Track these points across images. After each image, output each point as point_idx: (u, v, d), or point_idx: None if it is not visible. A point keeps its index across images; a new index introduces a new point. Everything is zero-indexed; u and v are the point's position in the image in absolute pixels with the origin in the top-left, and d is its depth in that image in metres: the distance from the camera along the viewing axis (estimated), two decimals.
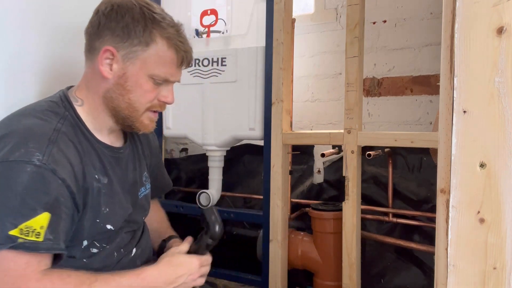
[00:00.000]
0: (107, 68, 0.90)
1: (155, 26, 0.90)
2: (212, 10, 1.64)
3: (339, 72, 2.15)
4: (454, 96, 0.69)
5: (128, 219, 0.99)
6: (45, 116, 0.87)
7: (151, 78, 0.91)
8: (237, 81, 1.59)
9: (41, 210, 0.77)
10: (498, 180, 0.67)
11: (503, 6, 0.65)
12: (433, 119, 1.90)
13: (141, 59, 0.90)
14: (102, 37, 0.90)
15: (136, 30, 0.88)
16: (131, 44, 0.89)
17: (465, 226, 0.69)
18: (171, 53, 0.92)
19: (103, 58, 0.90)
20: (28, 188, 0.77)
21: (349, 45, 1.34)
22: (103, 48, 0.89)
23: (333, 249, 1.52)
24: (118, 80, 0.91)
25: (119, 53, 0.89)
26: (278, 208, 1.48)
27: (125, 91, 0.91)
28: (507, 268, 0.67)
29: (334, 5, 2.18)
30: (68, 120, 0.89)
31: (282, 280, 1.50)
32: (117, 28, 0.89)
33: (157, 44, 0.90)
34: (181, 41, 0.92)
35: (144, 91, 0.92)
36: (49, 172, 0.79)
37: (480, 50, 0.67)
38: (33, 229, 0.76)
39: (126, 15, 0.89)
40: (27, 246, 0.76)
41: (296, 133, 1.49)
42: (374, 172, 1.84)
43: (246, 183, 2.14)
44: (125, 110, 0.93)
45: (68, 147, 0.85)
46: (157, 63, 0.91)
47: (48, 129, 0.84)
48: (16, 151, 0.78)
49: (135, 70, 0.90)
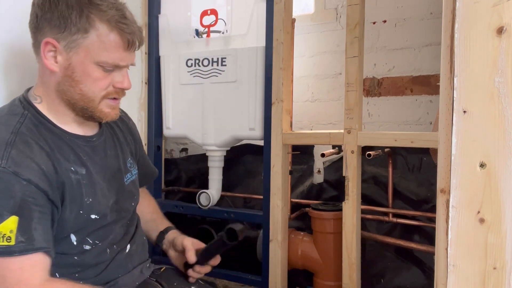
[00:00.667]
0: (51, 61, 0.87)
1: (92, 10, 0.84)
2: (212, 10, 1.64)
3: (339, 72, 2.15)
4: (454, 96, 0.69)
5: (116, 207, 0.98)
6: (3, 120, 0.85)
7: (99, 66, 0.87)
8: (237, 81, 1.59)
9: (8, 215, 0.77)
10: (498, 180, 0.67)
11: (503, 6, 0.65)
12: (433, 119, 1.90)
13: (84, 47, 0.85)
14: (41, 30, 0.87)
15: (71, 18, 0.84)
16: (69, 33, 0.84)
17: (465, 226, 0.69)
18: (115, 36, 0.86)
19: (45, 51, 0.86)
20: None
21: (349, 45, 1.34)
22: (43, 41, 0.86)
23: (333, 249, 1.52)
24: (65, 71, 0.87)
25: (60, 44, 0.85)
26: (278, 208, 1.48)
27: (75, 82, 0.88)
28: (507, 268, 0.67)
29: (334, 5, 2.18)
30: (28, 119, 0.87)
31: (282, 280, 1.50)
32: (53, 18, 0.85)
33: (97, 30, 0.85)
34: (125, 22, 0.87)
35: (94, 79, 0.88)
36: (11, 175, 0.78)
37: (480, 50, 0.67)
38: (2, 234, 0.76)
39: (59, 3, 0.84)
40: (1, 251, 0.76)
41: (296, 133, 1.49)
42: (374, 172, 1.84)
43: (246, 183, 2.14)
44: (80, 102, 0.90)
45: (29, 147, 0.83)
46: (101, 49, 0.86)
47: (5, 133, 0.83)
48: None
49: (80, 59, 0.86)
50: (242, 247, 1.86)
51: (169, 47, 1.72)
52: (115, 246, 0.99)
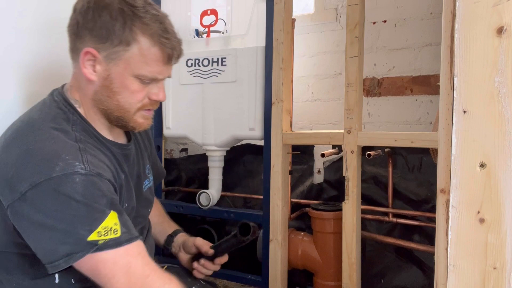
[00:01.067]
0: (90, 70, 0.86)
1: (135, 23, 0.83)
2: (212, 10, 1.64)
3: (339, 72, 2.15)
4: (454, 96, 0.69)
5: (134, 214, 0.98)
6: (58, 125, 0.84)
7: (137, 78, 0.86)
8: (237, 81, 1.59)
9: (109, 210, 0.78)
10: (498, 180, 0.67)
11: (503, 6, 0.65)
12: (433, 119, 1.90)
13: (124, 59, 0.84)
14: (81, 38, 0.85)
15: (115, 29, 0.82)
16: (111, 44, 0.83)
17: (465, 226, 0.69)
18: (156, 51, 0.85)
19: (84, 60, 0.85)
20: (86, 196, 0.76)
21: (349, 45, 1.34)
22: (83, 50, 0.84)
23: (333, 249, 1.52)
24: (103, 82, 0.86)
25: (101, 54, 0.84)
26: (278, 208, 1.48)
27: (112, 93, 0.87)
28: (507, 268, 0.67)
29: (334, 5, 2.18)
30: (78, 125, 0.87)
31: (282, 280, 1.50)
32: (95, 28, 0.83)
33: (139, 43, 0.84)
34: (167, 37, 0.85)
35: (131, 91, 0.87)
36: (96, 177, 0.79)
37: (480, 50, 0.67)
38: (110, 228, 0.77)
39: (103, 13, 0.82)
40: (110, 244, 0.77)
41: (296, 133, 1.49)
42: (374, 172, 1.84)
43: (246, 183, 2.14)
44: (116, 112, 0.89)
45: (95, 151, 0.85)
46: (142, 62, 0.85)
47: (71, 139, 0.82)
48: (55, 167, 0.76)
49: (119, 71, 0.85)
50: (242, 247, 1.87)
51: None
52: None
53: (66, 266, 0.76)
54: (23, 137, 0.82)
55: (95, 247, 0.76)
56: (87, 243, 0.75)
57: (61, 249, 0.76)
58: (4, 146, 0.83)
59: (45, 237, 0.76)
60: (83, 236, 0.75)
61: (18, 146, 0.80)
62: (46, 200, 0.75)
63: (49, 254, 0.76)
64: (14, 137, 0.83)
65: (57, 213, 0.75)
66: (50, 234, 0.76)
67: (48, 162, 0.76)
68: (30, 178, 0.76)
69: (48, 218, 0.75)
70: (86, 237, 0.75)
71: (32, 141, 0.80)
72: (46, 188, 0.75)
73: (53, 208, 0.75)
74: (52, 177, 0.75)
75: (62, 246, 0.76)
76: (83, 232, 0.75)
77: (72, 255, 0.76)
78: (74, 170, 0.76)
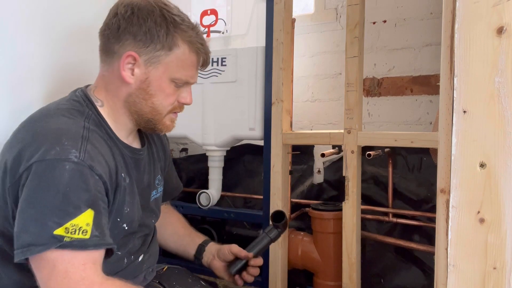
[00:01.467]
0: (128, 73, 0.89)
1: (177, 30, 0.89)
2: (212, 10, 1.64)
3: (339, 72, 2.15)
4: (454, 96, 0.69)
5: (140, 222, 0.99)
6: (71, 115, 0.86)
7: (172, 82, 0.91)
8: (237, 81, 1.59)
9: (85, 208, 0.76)
10: (498, 180, 0.67)
11: (503, 6, 0.65)
12: (433, 119, 1.90)
13: (164, 63, 0.89)
14: (122, 41, 0.88)
15: (159, 35, 0.87)
16: (154, 48, 0.88)
17: (465, 226, 0.69)
18: (193, 56, 0.92)
19: (124, 62, 0.88)
20: (69, 186, 0.76)
21: (349, 45, 1.34)
22: (125, 53, 0.88)
23: (333, 249, 1.52)
24: (140, 84, 0.90)
25: (141, 58, 0.88)
26: (278, 208, 1.48)
27: (148, 96, 0.91)
28: (507, 268, 0.67)
29: (334, 5, 2.18)
30: (92, 119, 0.89)
31: (282, 280, 1.50)
32: (139, 32, 0.87)
33: (179, 48, 0.89)
34: (202, 43, 0.93)
35: (166, 94, 0.92)
36: (87, 169, 0.78)
37: (480, 50, 0.67)
38: (79, 227, 0.75)
39: (148, 19, 0.87)
40: (75, 244, 0.75)
41: (296, 133, 1.49)
42: (374, 172, 1.84)
43: (246, 183, 2.14)
44: (148, 114, 0.93)
45: (100, 143, 0.85)
46: (179, 66, 0.91)
47: (78, 126, 0.84)
48: (51, 150, 0.77)
49: (158, 74, 0.90)
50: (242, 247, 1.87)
51: None
52: (132, 257, 0.99)
53: (23, 257, 0.74)
54: (32, 123, 0.85)
55: (59, 243, 0.73)
56: (52, 236, 0.73)
57: (23, 238, 0.74)
58: (16, 131, 0.86)
59: (19, 219, 0.75)
60: (49, 228, 0.73)
61: (27, 130, 0.83)
62: (33, 183, 0.76)
63: (17, 240, 0.75)
64: (26, 123, 0.86)
65: (34, 198, 0.75)
66: (21, 217, 0.75)
67: (48, 145, 0.77)
68: (27, 160, 0.77)
69: (25, 202, 0.75)
70: (52, 230, 0.73)
71: (39, 126, 0.83)
72: (36, 170, 0.76)
73: (34, 192, 0.75)
74: (45, 159, 0.76)
75: (24, 234, 0.74)
76: (51, 224, 0.73)
77: (31, 247, 0.73)
78: (67, 157, 0.77)
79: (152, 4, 0.89)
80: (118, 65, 0.89)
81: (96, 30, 0.95)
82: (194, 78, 0.96)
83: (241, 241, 1.88)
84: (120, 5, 0.90)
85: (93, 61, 0.98)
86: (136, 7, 0.88)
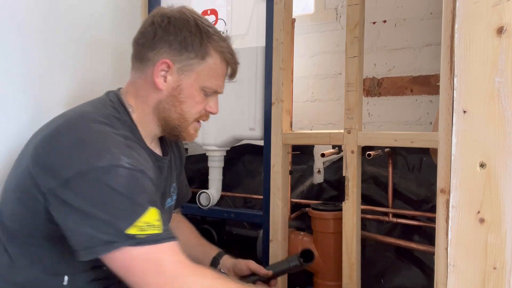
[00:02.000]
0: (161, 80, 0.92)
1: (210, 40, 0.93)
2: (212, 10, 1.64)
3: (339, 72, 2.15)
4: (454, 96, 0.69)
5: None
6: (111, 122, 0.88)
7: (202, 90, 0.95)
8: (237, 81, 1.58)
9: (149, 206, 0.80)
10: (498, 180, 0.67)
11: (503, 6, 0.65)
12: (433, 119, 1.90)
13: (196, 71, 0.93)
14: (157, 49, 0.91)
15: (193, 44, 0.91)
16: (187, 57, 0.91)
17: (465, 226, 0.69)
18: (223, 66, 0.96)
19: (158, 70, 0.91)
20: (129, 189, 0.79)
21: (349, 45, 1.34)
22: (160, 60, 0.91)
23: (333, 249, 1.52)
24: (172, 91, 0.93)
25: (175, 66, 0.91)
26: (278, 208, 1.48)
27: (178, 102, 0.94)
28: (507, 268, 0.67)
29: (334, 5, 2.19)
30: (128, 126, 0.92)
31: (282, 280, 1.50)
32: (174, 41, 0.91)
33: (212, 58, 0.93)
34: (232, 54, 0.97)
35: (195, 102, 0.95)
36: (140, 173, 0.82)
37: (480, 50, 0.67)
38: (150, 224, 0.78)
39: (183, 29, 0.91)
40: (150, 239, 0.78)
41: (296, 133, 1.49)
42: (374, 172, 1.84)
43: (246, 183, 2.14)
44: (176, 121, 0.96)
45: (140, 151, 0.89)
46: (210, 76, 0.94)
47: (120, 135, 0.86)
48: (103, 157, 0.79)
49: (190, 82, 0.93)
50: (242, 247, 1.87)
51: None
52: None
53: (104, 253, 0.77)
54: (75, 127, 0.85)
55: (134, 241, 0.77)
56: (126, 235, 0.76)
57: (101, 237, 0.77)
58: (55, 133, 0.85)
59: (85, 224, 0.77)
60: (122, 228, 0.76)
61: (70, 134, 0.83)
62: (90, 189, 0.77)
63: (88, 240, 0.77)
64: (67, 126, 0.86)
65: (99, 203, 0.77)
66: (90, 222, 0.77)
67: (97, 153, 0.79)
68: (76, 166, 0.78)
69: (90, 206, 0.77)
70: (124, 229, 0.76)
71: (83, 132, 0.83)
72: (91, 177, 0.78)
73: (96, 197, 0.77)
74: (98, 167, 0.78)
75: (102, 234, 0.77)
76: (123, 225, 0.76)
77: (112, 243, 0.76)
78: (120, 163, 0.79)
79: (187, 15, 0.92)
80: (151, 72, 0.92)
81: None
82: (222, 88, 0.99)
83: (241, 241, 1.89)
84: (156, 15, 0.94)
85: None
86: (173, 17, 0.92)
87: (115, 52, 1.53)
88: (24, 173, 0.85)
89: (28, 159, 0.85)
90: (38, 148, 0.84)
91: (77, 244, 0.78)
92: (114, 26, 1.53)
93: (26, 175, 0.84)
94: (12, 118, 1.15)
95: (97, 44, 1.47)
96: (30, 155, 0.85)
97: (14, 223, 0.88)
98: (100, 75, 1.46)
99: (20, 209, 0.86)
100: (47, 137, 0.85)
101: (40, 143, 0.85)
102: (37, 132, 0.93)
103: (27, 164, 0.84)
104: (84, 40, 1.40)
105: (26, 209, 0.85)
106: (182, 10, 0.94)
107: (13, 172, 0.91)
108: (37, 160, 0.83)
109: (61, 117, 0.90)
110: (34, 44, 1.21)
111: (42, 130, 0.90)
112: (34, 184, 0.82)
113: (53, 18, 1.30)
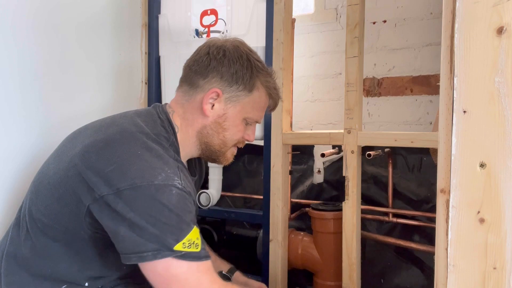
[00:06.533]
0: (209, 107, 0.97)
1: (258, 75, 0.99)
2: (212, 10, 1.64)
3: (339, 72, 2.15)
4: (454, 96, 0.69)
5: None
6: (161, 141, 0.92)
7: (245, 120, 1.01)
8: None
9: (193, 225, 0.85)
10: (498, 180, 0.67)
11: (503, 6, 0.65)
12: (433, 119, 1.90)
13: (242, 103, 0.99)
14: (208, 78, 0.97)
15: (244, 78, 0.97)
16: (236, 89, 0.97)
17: (465, 226, 0.69)
18: (267, 100, 1.03)
19: (208, 97, 0.96)
20: (178, 207, 0.83)
21: (349, 45, 1.34)
22: (211, 89, 0.96)
23: (333, 249, 1.52)
24: (217, 119, 0.98)
25: (224, 95, 0.97)
26: (278, 208, 1.48)
27: (222, 129, 0.99)
28: (507, 268, 0.67)
29: (334, 5, 2.19)
30: (173, 146, 0.95)
31: (282, 280, 1.50)
32: (227, 73, 0.96)
33: (258, 91, 1.00)
34: (276, 89, 1.04)
35: (237, 130, 1.01)
36: (187, 194, 0.87)
37: (480, 50, 0.67)
38: (193, 241, 0.83)
39: (236, 63, 0.96)
40: (192, 256, 0.83)
41: (296, 133, 1.49)
42: (374, 172, 1.84)
43: (246, 183, 2.13)
44: (217, 146, 1.01)
45: (186, 173, 0.93)
46: (254, 108, 1.01)
47: (172, 157, 0.91)
48: (158, 175, 0.83)
49: (235, 112, 0.99)
50: (242, 247, 1.87)
51: (169, 47, 1.72)
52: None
53: (152, 259, 0.80)
54: (132, 140, 0.88)
55: (179, 253, 0.81)
56: (172, 251, 0.81)
57: (150, 245, 0.80)
58: (108, 142, 0.88)
59: (134, 233, 0.81)
60: (170, 244, 0.80)
61: (127, 145, 0.86)
62: (143, 203, 0.81)
63: (138, 245, 0.80)
64: (122, 136, 0.89)
65: (150, 217, 0.81)
66: (140, 232, 0.80)
67: (153, 170, 0.83)
68: (132, 179, 0.81)
69: (141, 219, 0.80)
70: (172, 246, 0.80)
71: (141, 147, 0.87)
72: (145, 192, 0.81)
73: (147, 211, 0.81)
74: (153, 183, 0.82)
75: (150, 244, 0.80)
76: (171, 241, 0.81)
77: (160, 251, 0.80)
78: (173, 183, 0.84)
79: (241, 49, 0.98)
80: (201, 98, 0.97)
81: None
82: (261, 119, 1.06)
83: (241, 241, 1.89)
84: (212, 46, 0.99)
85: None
86: (228, 51, 0.97)
87: (115, 52, 1.54)
88: (70, 171, 0.87)
89: (76, 159, 0.87)
90: (90, 152, 0.86)
91: (125, 248, 0.82)
92: (114, 26, 1.54)
93: (73, 173, 0.86)
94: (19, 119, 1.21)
95: (97, 44, 1.48)
96: (78, 156, 0.87)
97: (47, 218, 0.91)
98: (100, 75, 1.50)
99: (57, 207, 0.89)
100: (101, 143, 0.87)
101: (92, 147, 0.87)
102: (80, 131, 0.96)
103: (75, 163, 0.87)
104: (84, 40, 1.41)
105: (65, 209, 0.88)
106: (237, 44, 0.99)
107: (52, 166, 0.93)
108: (90, 164, 0.85)
109: (113, 124, 0.92)
110: (34, 44, 1.24)
111: (88, 133, 0.92)
112: (85, 187, 0.85)
113: (53, 18, 1.32)
